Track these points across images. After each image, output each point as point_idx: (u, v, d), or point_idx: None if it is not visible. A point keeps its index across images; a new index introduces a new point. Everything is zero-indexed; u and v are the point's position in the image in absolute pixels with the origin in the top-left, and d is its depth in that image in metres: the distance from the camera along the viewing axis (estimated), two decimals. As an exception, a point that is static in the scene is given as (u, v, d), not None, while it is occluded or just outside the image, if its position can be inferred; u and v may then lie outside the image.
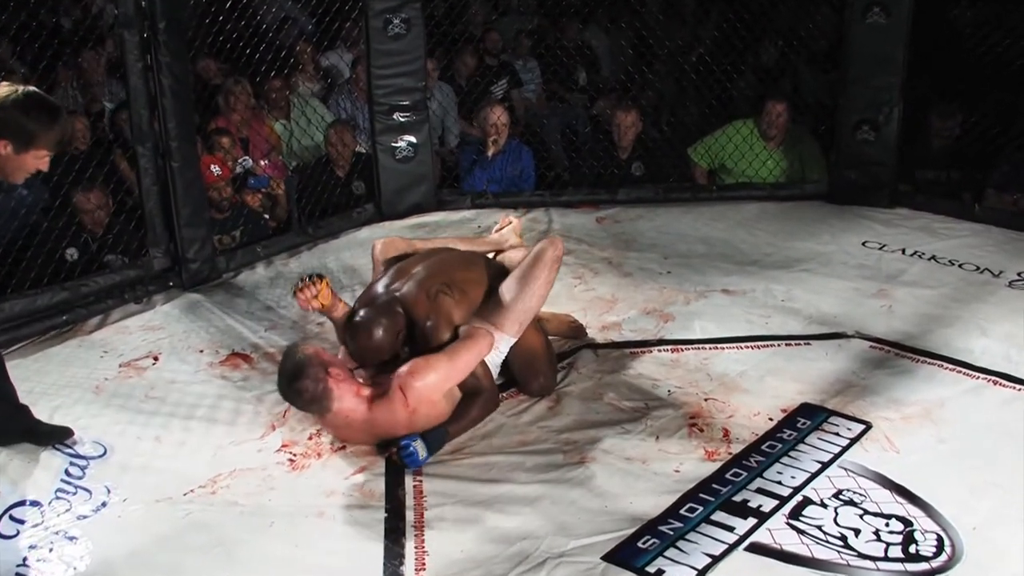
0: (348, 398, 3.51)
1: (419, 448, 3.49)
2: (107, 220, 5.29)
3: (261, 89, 6.67)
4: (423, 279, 3.87)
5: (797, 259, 5.37)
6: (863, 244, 5.55)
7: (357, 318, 3.74)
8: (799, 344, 4.40)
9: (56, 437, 3.71)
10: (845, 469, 3.45)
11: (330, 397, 3.48)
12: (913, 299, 4.81)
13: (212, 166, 5.62)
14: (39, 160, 3.26)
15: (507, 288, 3.87)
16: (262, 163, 6.27)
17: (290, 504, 3.37)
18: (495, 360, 3.85)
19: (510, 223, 4.64)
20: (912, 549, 3.06)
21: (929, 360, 4.21)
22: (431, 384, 3.55)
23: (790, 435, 3.67)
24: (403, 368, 3.56)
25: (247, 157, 6.17)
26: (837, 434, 3.66)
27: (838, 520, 3.19)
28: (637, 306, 4.81)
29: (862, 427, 3.69)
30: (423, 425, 3.56)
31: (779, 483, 3.38)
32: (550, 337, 4.26)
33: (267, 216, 5.98)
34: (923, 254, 5.37)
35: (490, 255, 4.40)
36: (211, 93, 6.48)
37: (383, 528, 3.23)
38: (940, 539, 3.10)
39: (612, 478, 3.44)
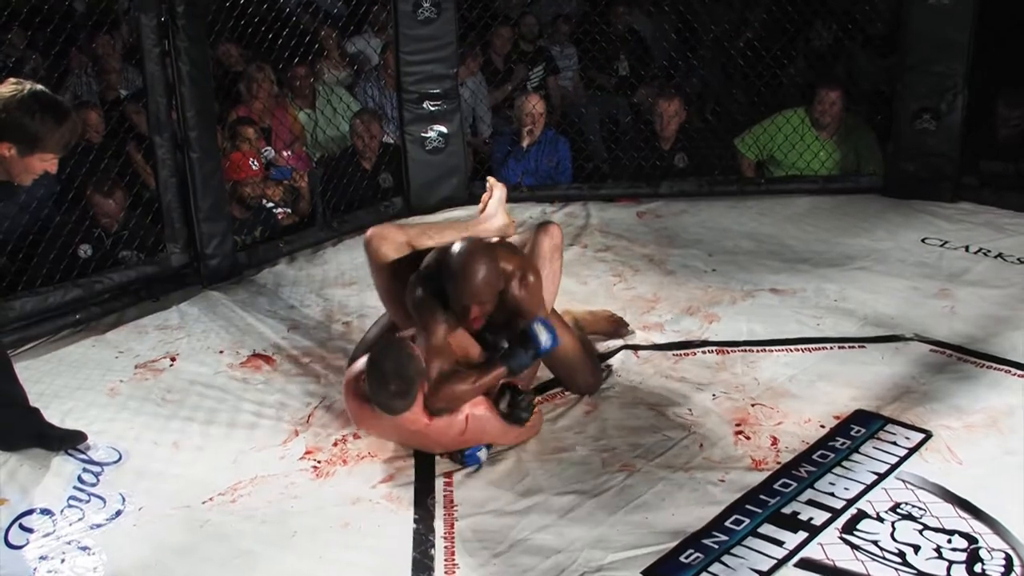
0: (417, 407, 3.46)
1: (482, 453, 3.58)
2: (122, 215, 5.32)
3: (284, 76, 6.70)
4: None
5: (851, 256, 5.33)
6: (923, 241, 5.50)
7: (455, 252, 3.50)
8: (853, 347, 4.36)
9: (68, 442, 3.73)
10: (903, 481, 3.42)
11: (413, 404, 3.43)
12: (977, 299, 4.76)
13: (252, 160, 5.66)
14: (45, 162, 3.26)
15: None
16: (284, 154, 6.29)
17: (314, 513, 3.38)
18: None
19: (491, 196, 4.36)
20: (978, 568, 3.02)
21: (995, 365, 4.15)
22: (489, 429, 3.57)
23: (843, 444, 3.64)
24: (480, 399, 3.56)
25: (269, 147, 6.20)
26: (894, 443, 3.62)
27: (896, 535, 3.15)
28: (680, 306, 4.79)
29: (921, 436, 3.65)
30: (458, 448, 3.60)
31: (832, 495, 3.35)
32: (592, 335, 4.31)
33: (289, 210, 6.00)
34: (988, 251, 5.31)
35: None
36: (232, 80, 6.50)
37: (411, 539, 3.23)
38: (1008, 558, 3.05)
39: (653, 488, 3.43)
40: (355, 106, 6.82)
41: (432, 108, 6.04)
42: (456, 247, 3.52)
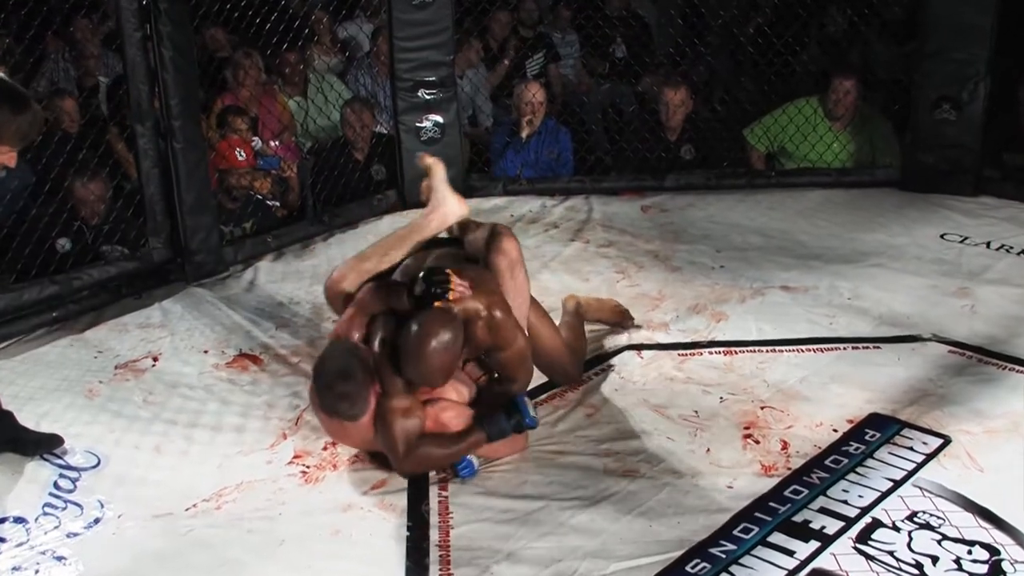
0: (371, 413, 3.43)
1: (474, 459, 3.55)
2: (103, 208, 5.30)
3: (272, 63, 6.68)
4: None
5: (866, 253, 5.32)
6: (941, 236, 5.50)
7: (414, 330, 3.39)
8: (868, 347, 4.36)
9: (44, 446, 3.71)
10: (920, 488, 3.41)
11: (368, 406, 3.39)
12: (999, 298, 4.75)
13: (238, 149, 5.64)
14: (2, 156, 3.21)
15: None
16: (272, 144, 6.28)
17: (302, 521, 3.37)
18: None
19: (428, 175, 4.13)
20: (999, 580, 3.02)
21: (1017, 367, 4.14)
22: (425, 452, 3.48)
23: (857, 449, 3.63)
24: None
25: (256, 138, 6.19)
26: (911, 449, 3.61)
27: (912, 545, 3.15)
28: (686, 304, 4.79)
29: (940, 441, 3.65)
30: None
31: (845, 502, 3.34)
32: (595, 323, 4.40)
33: (277, 203, 5.99)
34: (1011, 248, 5.31)
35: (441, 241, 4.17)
36: (218, 67, 6.49)
37: (405, 548, 3.22)
38: (1032, 569, 3.05)
39: (657, 494, 3.42)
40: (346, 94, 6.82)
41: (427, 97, 6.03)
42: (414, 325, 3.38)
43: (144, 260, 5.12)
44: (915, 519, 3.26)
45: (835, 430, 3.75)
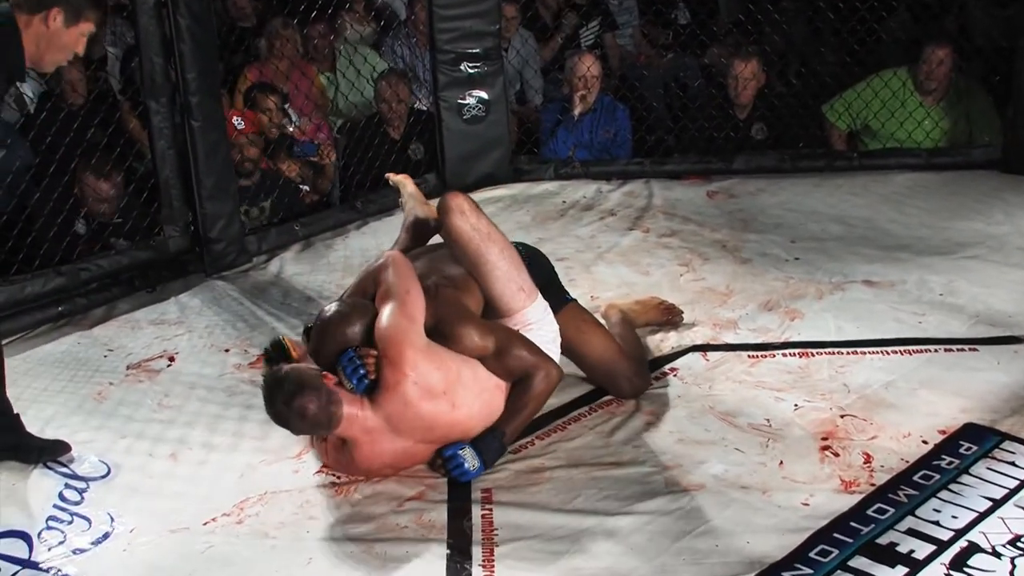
0: (348, 404, 3.42)
1: (468, 457, 3.52)
2: (117, 200, 5.32)
3: (300, 33, 6.70)
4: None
5: (961, 243, 5.28)
6: (1048, 225, 5.45)
7: (327, 311, 3.61)
8: (963, 349, 4.31)
9: (48, 453, 3.75)
10: None
11: (337, 407, 3.39)
12: (1114, 295, 4.71)
13: (235, 118, 5.64)
14: (82, 38, 3.41)
15: (480, 276, 3.83)
16: (307, 118, 6.29)
17: (332, 537, 3.38)
18: (548, 335, 3.83)
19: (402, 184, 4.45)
20: (1113, 614, 2.98)
21: None
22: (399, 334, 3.43)
23: (951, 463, 3.59)
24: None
25: (292, 112, 6.19)
26: (1013, 464, 3.57)
27: (1016, 574, 3.11)
28: (757, 300, 4.77)
29: (1046, 456, 3.61)
30: (461, 398, 3.53)
31: (936, 524, 3.31)
32: (644, 327, 4.41)
33: (306, 187, 6.01)
34: None
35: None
36: (239, 37, 6.51)
37: (444, 567, 3.21)
38: None
39: (724, 511, 3.40)
40: (381, 67, 6.82)
41: (471, 70, 6.04)
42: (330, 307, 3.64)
43: (159, 250, 5.15)
44: (1019, 544, 3.22)
45: (925, 442, 3.71)
